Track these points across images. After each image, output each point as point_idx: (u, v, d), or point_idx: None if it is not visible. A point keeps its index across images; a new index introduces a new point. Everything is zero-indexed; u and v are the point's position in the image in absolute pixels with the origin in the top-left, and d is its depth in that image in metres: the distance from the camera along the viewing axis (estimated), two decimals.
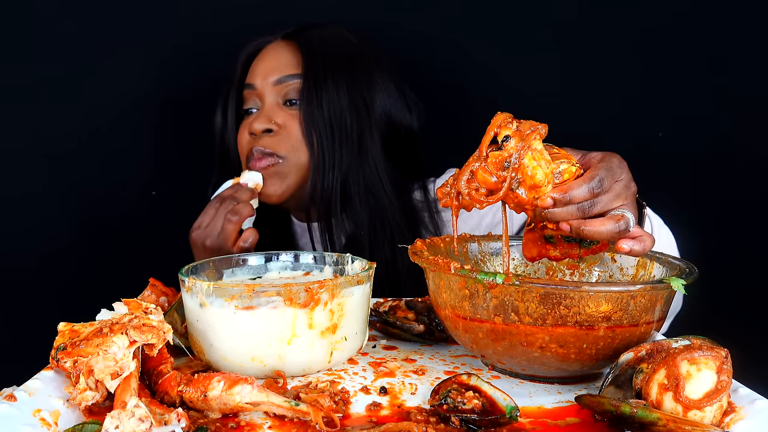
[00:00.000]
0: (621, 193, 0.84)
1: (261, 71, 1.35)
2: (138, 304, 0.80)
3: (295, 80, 1.33)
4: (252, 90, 1.36)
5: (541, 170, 0.80)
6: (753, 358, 0.90)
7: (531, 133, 0.80)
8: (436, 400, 0.74)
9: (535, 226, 0.91)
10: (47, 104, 1.57)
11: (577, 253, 0.90)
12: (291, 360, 0.82)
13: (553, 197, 0.81)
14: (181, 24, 1.60)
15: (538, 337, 0.77)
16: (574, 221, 0.82)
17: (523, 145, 0.80)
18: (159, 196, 1.64)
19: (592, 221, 0.82)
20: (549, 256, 0.91)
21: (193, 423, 0.69)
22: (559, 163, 0.82)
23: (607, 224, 0.81)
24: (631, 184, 0.86)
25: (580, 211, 0.81)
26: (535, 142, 0.80)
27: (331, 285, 0.82)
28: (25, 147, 1.58)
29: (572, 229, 0.82)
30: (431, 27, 1.59)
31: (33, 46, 1.56)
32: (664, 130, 1.61)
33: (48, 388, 0.73)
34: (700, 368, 0.66)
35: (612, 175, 0.83)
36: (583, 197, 0.81)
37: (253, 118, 1.34)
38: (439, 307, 0.86)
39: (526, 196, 0.81)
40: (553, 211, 0.81)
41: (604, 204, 0.82)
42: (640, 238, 0.85)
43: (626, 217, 0.82)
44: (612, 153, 0.86)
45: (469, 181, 0.83)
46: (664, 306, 0.80)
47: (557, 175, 0.81)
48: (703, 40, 1.59)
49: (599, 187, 0.81)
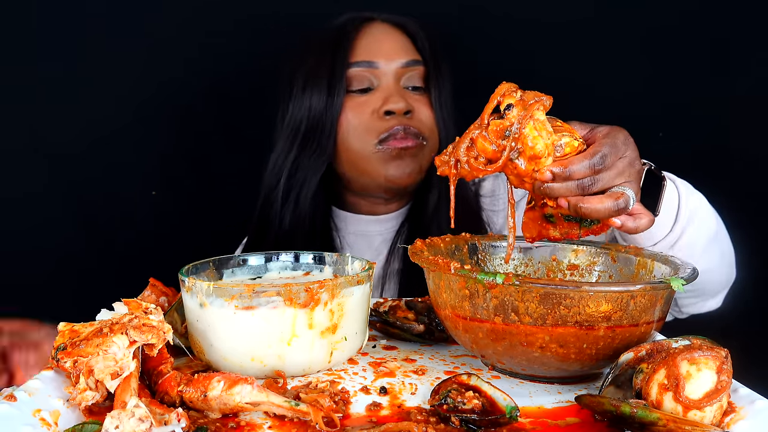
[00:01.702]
0: (624, 171, 0.81)
1: (382, 52, 1.31)
2: (138, 304, 0.80)
3: (418, 66, 1.32)
4: (370, 68, 1.30)
5: (541, 140, 0.78)
6: (753, 358, 0.90)
7: (534, 103, 0.79)
8: (436, 400, 0.73)
9: (535, 204, 0.89)
10: (47, 104, 1.57)
11: (577, 233, 0.88)
12: (291, 360, 0.82)
13: (553, 171, 0.79)
14: (181, 23, 1.60)
15: (538, 337, 0.77)
16: (572, 198, 0.80)
17: (525, 114, 0.78)
18: (159, 196, 1.64)
19: (590, 198, 0.80)
20: (549, 237, 0.90)
21: (193, 423, 0.69)
22: (561, 135, 0.80)
23: (606, 202, 0.79)
24: (636, 162, 0.83)
25: (579, 188, 0.79)
26: (537, 112, 0.78)
27: (331, 285, 0.82)
28: (24, 147, 1.58)
29: (570, 206, 0.80)
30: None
31: (32, 46, 1.56)
32: (664, 131, 1.62)
33: (48, 388, 0.73)
34: (700, 368, 0.66)
35: (616, 151, 0.81)
36: (584, 173, 0.79)
37: (386, 98, 1.29)
38: (439, 307, 0.86)
39: (525, 168, 0.79)
40: (552, 186, 0.79)
41: (606, 182, 0.80)
42: (637, 216, 0.83)
43: (626, 195, 0.80)
44: (619, 128, 0.84)
45: (468, 149, 0.82)
46: (664, 306, 0.80)
47: (558, 148, 0.79)
48: (706, 39, 1.59)
49: (601, 163, 0.79)
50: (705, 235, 1.05)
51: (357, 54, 1.31)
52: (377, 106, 1.29)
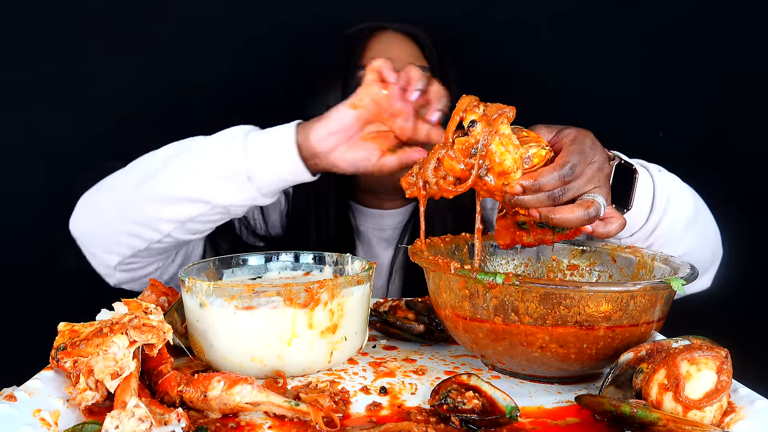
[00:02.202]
0: (593, 177, 0.82)
1: (391, 54, 1.30)
2: (138, 304, 0.80)
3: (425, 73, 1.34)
4: None
5: (509, 156, 0.77)
6: (753, 358, 0.90)
7: (498, 117, 0.78)
8: (436, 400, 0.73)
9: (507, 213, 0.89)
10: (47, 104, 1.57)
11: (550, 238, 0.89)
12: (291, 360, 0.82)
13: (522, 184, 0.79)
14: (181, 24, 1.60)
15: (538, 337, 0.77)
16: (543, 209, 0.80)
17: (490, 130, 0.77)
18: None
19: (561, 208, 0.80)
20: (522, 243, 0.90)
21: (193, 423, 0.69)
22: (528, 147, 0.79)
23: (576, 211, 0.80)
24: (605, 166, 0.84)
25: (550, 198, 0.80)
26: (502, 126, 0.78)
27: (331, 285, 0.82)
28: (24, 146, 1.58)
29: (541, 216, 0.81)
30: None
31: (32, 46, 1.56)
32: (664, 131, 1.62)
33: (48, 388, 0.73)
34: (700, 368, 0.66)
35: (584, 158, 0.81)
36: (554, 185, 0.79)
37: None
38: (439, 307, 0.86)
39: (495, 183, 0.79)
40: (523, 199, 0.80)
41: (576, 190, 0.81)
42: (608, 220, 0.83)
43: (596, 203, 0.80)
44: (585, 131, 0.84)
45: (436, 170, 0.81)
46: (664, 306, 0.80)
47: (527, 160, 0.79)
48: (706, 39, 1.59)
49: (570, 174, 0.79)
50: (683, 218, 1.05)
51: (368, 57, 1.33)
52: None
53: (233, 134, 1.07)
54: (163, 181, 1.07)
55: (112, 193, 1.15)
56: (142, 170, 1.12)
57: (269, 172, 1.04)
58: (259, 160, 1.03)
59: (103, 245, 1.17)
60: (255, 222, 1.40)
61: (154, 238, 1.11)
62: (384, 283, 1.40)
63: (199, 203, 1.06)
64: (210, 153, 1.06)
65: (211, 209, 1.07)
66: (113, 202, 1.13)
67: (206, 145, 1.08)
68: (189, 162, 1.07)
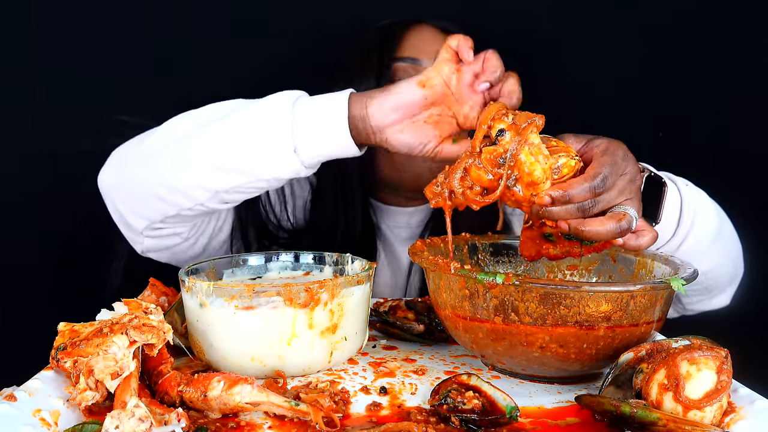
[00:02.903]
0: (625, 189, 0.79)
1: (429, 52, 1.27)
2: (138, 304, 0.80)
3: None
4: (415, 65, 1.26)
5: (539, 166, 0.75)
6: (753, 358, 0.90)
7: (527, 126, 0.76)
8: (436, 400, 0.73)
9: (534, 224, 0.87)
10: (47, 104, 1.57)
11: (578, 251, 0.86)
12: (291, 360, 0.82)
13: (552, 195, 0.76)
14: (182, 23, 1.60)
15: (538, 337, 0.77)
16: (573, 221, 0.78)
17: (519, 139, 0.75)
18: None
19: (591, 221, 0.77)
20: (549, 255, 0.87)
21: (193, 423, 0.69)
22: (558, 157, 0.77)
23: (608, 224, 0.77)
24: (637, 178, 0.81)
25: (580, 210, 0.77)
26: (531, 135, 0.76)
27: (331, 285, 0.82)
28: (24, 146, 1.58)
29: (571, 229, 0.78)
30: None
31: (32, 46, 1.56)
32: (664, 131, 1.61)
33: (48, 388, 0.73)
34: (700, 368, 0.66)
35: (616, 170, 0.78)
36: (584, 197, 0.77)
37: None
38: (439, 307, 0.86)
39: (523, 194, 0.77)
40: (552, 210, 0.77)
41: (607, 202, 0.78)
42: (640, 233, 0.81)
43: (629, 216, 0.78)
44: (618, 142, 0.81)
45: (462, 179, 0.79)
46: (664, 306, 0.80)
47: (556, 171, 0.77)
48: (707, 39, 1.59)
49: (602, 186, 0.77)
50: (708, 234, 1.04)
51: (403, 50, 1.28)
52: None
53: (280, 102, 0.97)
54: (199, 146, 0.99)
55: (143, 149, 1.07)
56: (176, 130, 1.04)
57: (317, 145, 0.95)
58: (307, 132, 0.94)
59: (131, 205, 1.10)
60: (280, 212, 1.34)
61: (185, 205, 1.04)
62: (403, 282, 1.36)
63: (237, 173, 0.98)
64: (253, 121, 0.97)
65: (250, 181, 0.99)
66: (144, 159, 1.06)
67: (249, 112, 0.98)
68: (228, 129, 0.98)
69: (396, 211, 1.39)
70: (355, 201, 1.32)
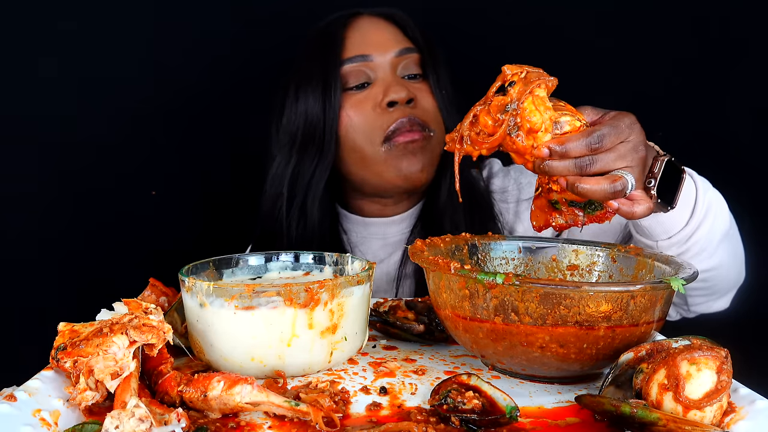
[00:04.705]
0: (626, 155, 0.81)
1: (375, 44, 1.27)
2: (138, 304, 0.80)
3: (412, 54, 1.29)
4: (365, 62, 1.26)
5: (539, 115, 0.80)
6: (753, 358, 0.90)
7: (536, 80, 0.80)
8: (436, 400, 0.73)
9: (542, 191, 0.90)
10: (47, 104, 1.57)
11: (581, 219, 0.89)
12: (291, 360, 0.82)
13: (550, 147, 0.79)
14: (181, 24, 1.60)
15: (538, 337, 0.77)
16: (570, 177, 0.80)
17: (524, 89, 0.80)
18: (159, 196, 1.64)
19: (587, 179, 0.80)
20: (554, 226, 0.90)
21: (193, 423, 0.69)
22: (562, 113, 0.81)
23: (602, 183, 0.80)
24: (640, 147, 0.82)
25: (577, 167, 0.79)
26: (538, 89, 0.80)
27: (331, 285, 0.82)
28: (24, 146, 1.58)
29: (567, 185, 0.81)
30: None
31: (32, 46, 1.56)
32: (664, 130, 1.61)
33: (48, 388, 0.73)
34: (700, 368, 0.66)
35: (617, 133, 0.80)
36: (581, 152, 0.79)
37: (386, 89, 1.25)
38: (439, 307, 0.86)
39: (524, 142, 0.81)
40: (550, 164, 0.80)
41: (605, 163, 0.80)
42: (636, 202, 0.83)
43: (624, 179, 0.80)
44: (627, 113, 0.84)
45: (471, 125, 0.84)
46: (664, 306, 0.80)
47: (558, 126, 0.81)
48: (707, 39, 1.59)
49: (598, 143, 0.79)
50: (719, 230, 1.05)
51: (349, 50, 1.27)
52: (378, 99, 1.26)
53: None
54: None
55: None
56: None
57: None
58: None
59: None
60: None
61: None
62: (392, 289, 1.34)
63: None
64: None
65: None
66: None
67: None
68: None
69: (374, 222, 1.37)
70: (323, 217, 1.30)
